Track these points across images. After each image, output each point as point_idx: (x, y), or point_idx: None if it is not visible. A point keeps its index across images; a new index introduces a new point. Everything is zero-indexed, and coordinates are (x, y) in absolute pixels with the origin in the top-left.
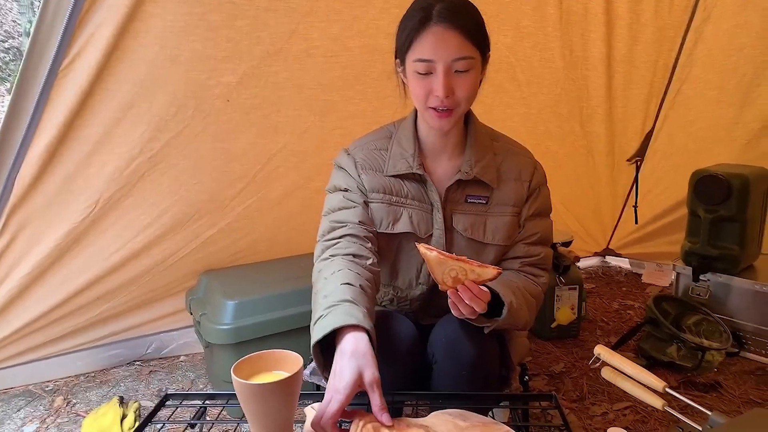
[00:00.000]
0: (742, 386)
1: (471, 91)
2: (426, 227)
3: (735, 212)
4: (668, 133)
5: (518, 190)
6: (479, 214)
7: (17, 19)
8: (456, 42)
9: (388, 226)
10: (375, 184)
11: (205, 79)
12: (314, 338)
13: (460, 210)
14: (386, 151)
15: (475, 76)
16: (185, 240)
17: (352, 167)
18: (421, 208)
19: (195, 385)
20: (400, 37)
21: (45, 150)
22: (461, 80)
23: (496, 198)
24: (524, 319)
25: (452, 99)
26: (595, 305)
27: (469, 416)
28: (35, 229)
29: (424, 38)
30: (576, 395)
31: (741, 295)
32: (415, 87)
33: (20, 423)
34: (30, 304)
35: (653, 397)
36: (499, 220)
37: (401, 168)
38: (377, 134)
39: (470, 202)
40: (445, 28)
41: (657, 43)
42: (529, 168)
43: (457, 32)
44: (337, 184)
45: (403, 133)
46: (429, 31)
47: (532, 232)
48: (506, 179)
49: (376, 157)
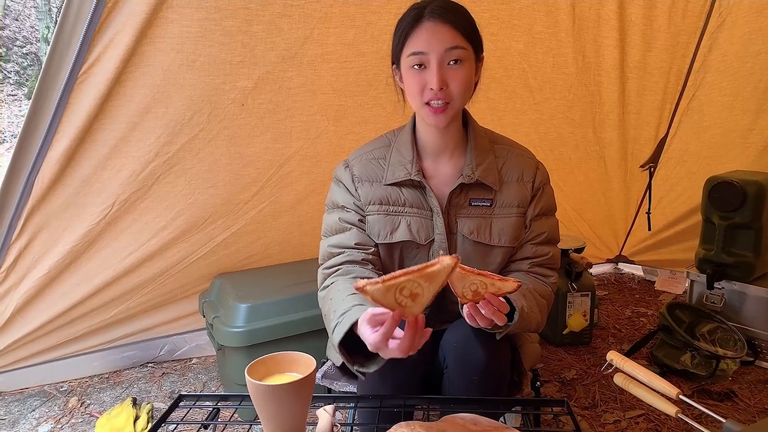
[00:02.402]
0: (757, 395)
1: (465, 85)
2: (426, 233)
3: (750, 219)
4: (682, 139)
5: (522, 191)
6: (484, 216)
7: (35, 25)
8: (448, 34)
9: (386, 236)
10: (372, 196)
11: (220, 84)
12: (335, 340)
13: (464, 214)
14: (384, 160)
15: (468, 69)
16: (199, 243)
17: (349, 181)
18: (420, 215)
19: (207, 387)
20: (394, 39)
21: (63, 153)
22: (454, 73)
23: (500, 200)
24: (536, 322)
25: (446, 92)
26: (607, 312)
27: (481, 421)
28: (52, 231)
29: (418, 33)
30: (588, 402)
31: (756, 304)
32: (410, 83)
33: (35, 423)
34: (46, 306)
35: (666, 404)
36: (504, 222)
37: (399, 175)
38: (376, 143)
39: (474, 206)
40: (437, 23)
41: (671, 50)
42: (531, 168)
43: (448, 25)
44: (334, 199)
45: (401, 140)
46: (422, 27)
47: (539, 232)
48: (509, 181)
49: (374, 167)
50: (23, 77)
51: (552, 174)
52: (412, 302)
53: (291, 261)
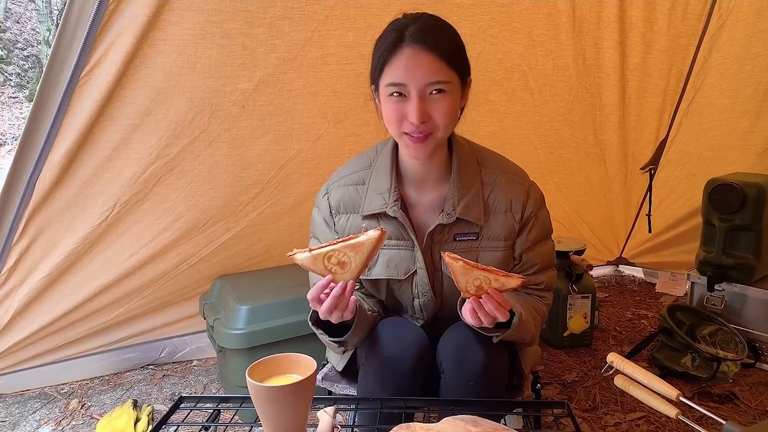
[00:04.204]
0: (758, 397)
1: (449, 116)
2: (407, 266)
3: (750, 221)
4: (682, 141)
5: (509, 223)
6: (470, 250)
7: (36, 28)
8: (430, 65)
9: (365, 272)
10: (349, 231)
11: (221, 86)
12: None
13: (448, 249)
14: (363, 185)
15: (453, 98)
16: (199, 245)
17: (327, 213)
18: (399, 246)
19: (207, 389)
20: (373, 60)
21: (64, 155)
22: (437, 104)
23: (487, 232)
24: (531, 334)
25: (429, 124)
26: (608, 314)
27: (481, 422)
28: (53, 233)
29: (397, 61)
30: (588, 405)
31: (757, 305)
32: (388, 111)
33: (35, 425)
34: (47, 308)
35: (667, 406)
36: (490, 255)
37: (376, 206)
38: (357, 164)
39: (459, 240)
40: (418, 51)
41: (671, 52)
42: (520, 197)
43: (431, 55)
44: (314, 232)
45: (381, 163)
46: (401, 54)
47: (531, 264)
48: (496, 212)
49: (352, 195)
50: (24, 80)
51: (552, 176)
52: (341, 270)
53: (291, 263)
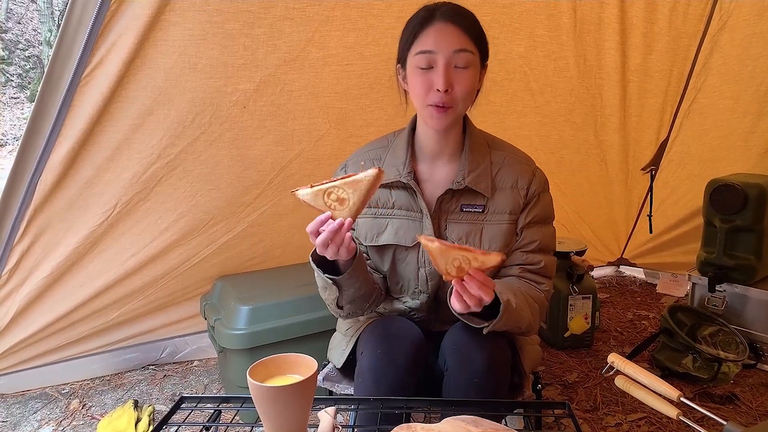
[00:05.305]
0: (759, 398)
1: (469, 90)
2: (414, 235)
3: (751, 222)
4: (683, 142)
5: (515, 198)
6: (475, 222)
7: (38, 28)
8: (457, 36)
9: (372, 239)
10: None
11: (222, 86)
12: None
13: (455, 219)
14: (380, 160)
15: (473, 74)
16: (201, 245)
17: None
18: (408, 217)
19: (208, 389)
20: (402, 38)
21: (66, 155)
22: (460, 76)
23: (493, 206)
24: (527, 321)
25: (451, 95)
26: (609, 315)
27: (482, 422)
28: (55, 233)
29: (427, 33)
30: (589, 405)
31: (758, 306)
32: (416, 83)
33: (36, 425)
34: (48, 308)
35: (667, 407)
36: (495, 229)
37: (390, 176)
38: (375, 144)
39: (466, 211)
40: (448, 24)
41: (671, 52)
42: (526, 175)
43: (459, 28)
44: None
45: (398, 142)
46: (432, 27)
47: (530, 240)
48: (502, 188)
49: (369, 167)
50: (26, 80)
51: (553, 177)
52: (340, 206)
53: (293, 263)
